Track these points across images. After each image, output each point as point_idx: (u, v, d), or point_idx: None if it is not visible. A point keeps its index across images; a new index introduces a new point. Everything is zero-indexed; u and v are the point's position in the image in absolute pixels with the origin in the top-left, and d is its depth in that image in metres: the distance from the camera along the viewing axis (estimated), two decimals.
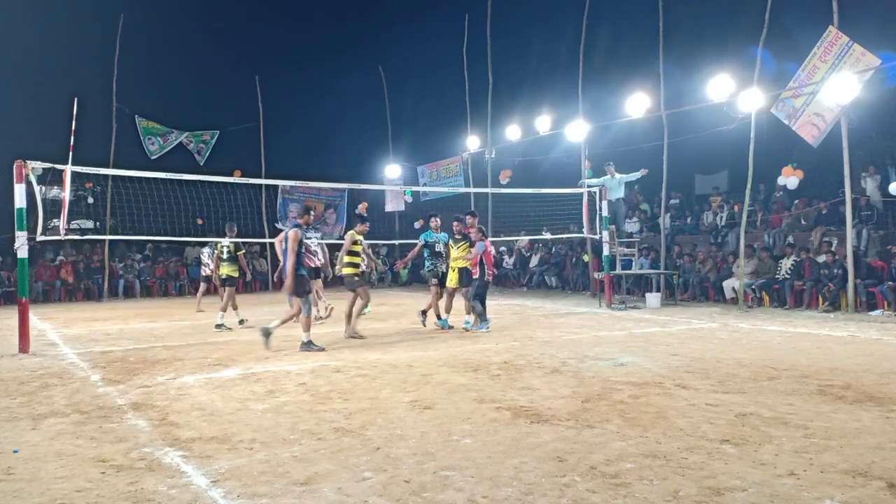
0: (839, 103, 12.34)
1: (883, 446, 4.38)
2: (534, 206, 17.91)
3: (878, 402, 5.54)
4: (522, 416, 5.25)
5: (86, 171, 10.98)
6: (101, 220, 20.93)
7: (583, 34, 17.53)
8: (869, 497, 3.55)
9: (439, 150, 23.83)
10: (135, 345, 9.85)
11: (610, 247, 14.86)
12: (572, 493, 3.65)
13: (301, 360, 8.13)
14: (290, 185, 22.83)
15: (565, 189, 16.05)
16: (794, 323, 11.11)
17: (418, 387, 6.45)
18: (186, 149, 23.36)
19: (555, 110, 18.87)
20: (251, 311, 13.86)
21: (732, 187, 18.70)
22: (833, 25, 12.40)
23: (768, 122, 14.54)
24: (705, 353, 8.13)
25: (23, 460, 4.42)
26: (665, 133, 15.95)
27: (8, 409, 5.87)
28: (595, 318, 12.33)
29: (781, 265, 14.22)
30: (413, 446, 4.55)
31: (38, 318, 13.86)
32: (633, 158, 17.50)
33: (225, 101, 25.57)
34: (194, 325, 12.55)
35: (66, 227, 10.74)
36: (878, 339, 9.20)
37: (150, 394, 6.36)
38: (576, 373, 7.00)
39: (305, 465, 4.22)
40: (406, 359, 8.10)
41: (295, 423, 5.18)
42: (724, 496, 3.58)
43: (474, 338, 9.89)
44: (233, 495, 3.73)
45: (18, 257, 9.44)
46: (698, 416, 5.16)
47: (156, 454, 4.48)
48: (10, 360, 8.58)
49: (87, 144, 13.92)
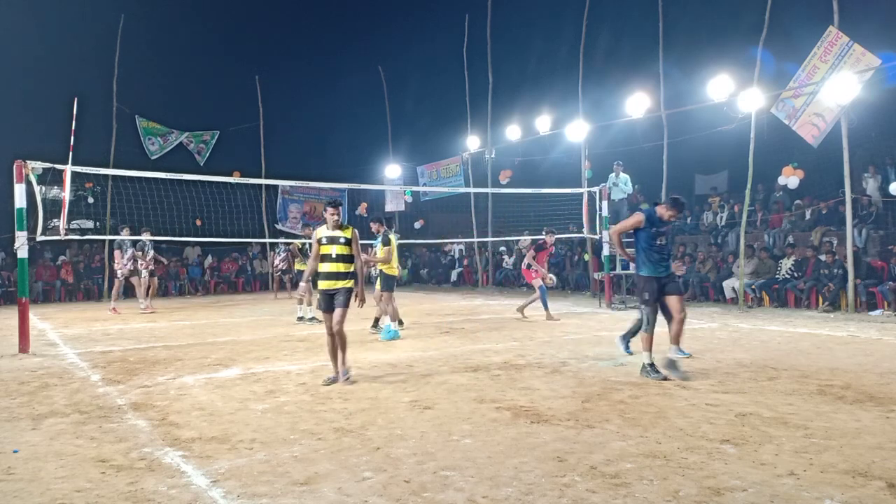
0: (839, 103, 12.33)
1: (883, 446, 4.37)
2: (534, 206, 17.93)
3: (878, 402, 5.54)
4: (522, 416, 5.25)
5: (86, 171, 10.99)
6: (101, 220, 20.93)
7: (583, 34, 17.53)
8: (869, 497, 3.55)
9: (439, 150, 23.85)
10: (135, 345, 9.84)
11: (610, 247, 14.85)
12: (572, 493, 3.65)
13: (301, 359, 8.13)
14: (290, 185, 22.85)
15: (565, 189, 16.05)
16: (794, 323, 11.11)
17: (418, 387, 6.45)
18: (186, 149, 23.36)
19: (555, 110, 18.88)
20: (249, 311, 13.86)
21: (732, 187, 18.71)
22: (833, 25, 12.40)
23: (768, 122, 14.55)
24: (705, 353, 8.13)
25: (23, 460, 4.42)
26: (665, 133, 15.95)
27: (8, 409, 5.87)
28: (595, 318, 12.33)
29: (781, 265, 14.23)
30: (413, 446, 4.55)
31: (38, 318, 13.85)
32: (634, 158, 17.50)
33: (225, 101, 25.62)
34: (194, 324, 12.55)
35: (66, 227, 10.75)
36: (878, 339, 9.20)
37: (150, 394, 6.36)
38: (576, 373, 7.00)
39: (305, 465, 4.22)
40: (406, 359, 8.10)
41: (295, 423, 5.18)
42: (724, 496, 3.58)
43: (474, 338, 9.89)
44: (233, 495, 3.73)
45: (18, 257, 9.44)
46: (698, 416, 5.16)
47: (156, 454, 4.48)
48: (10, 360, 8.58)
49: (87, 144, 13.95)
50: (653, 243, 6.81)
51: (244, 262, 23.81)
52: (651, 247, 6.81)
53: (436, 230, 25.22)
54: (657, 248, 6.81)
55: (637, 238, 6.93)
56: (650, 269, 6.83)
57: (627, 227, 7.05)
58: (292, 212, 24.08)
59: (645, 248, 6.84)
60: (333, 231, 6.78)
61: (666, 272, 6.90)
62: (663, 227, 6.86)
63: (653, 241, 6.80)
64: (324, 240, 6.76)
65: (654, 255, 6.79)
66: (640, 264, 6.92)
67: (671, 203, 6.88)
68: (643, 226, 6.83)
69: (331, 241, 6.74)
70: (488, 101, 20.90)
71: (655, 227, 6.80)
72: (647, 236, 6.80)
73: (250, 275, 23.57)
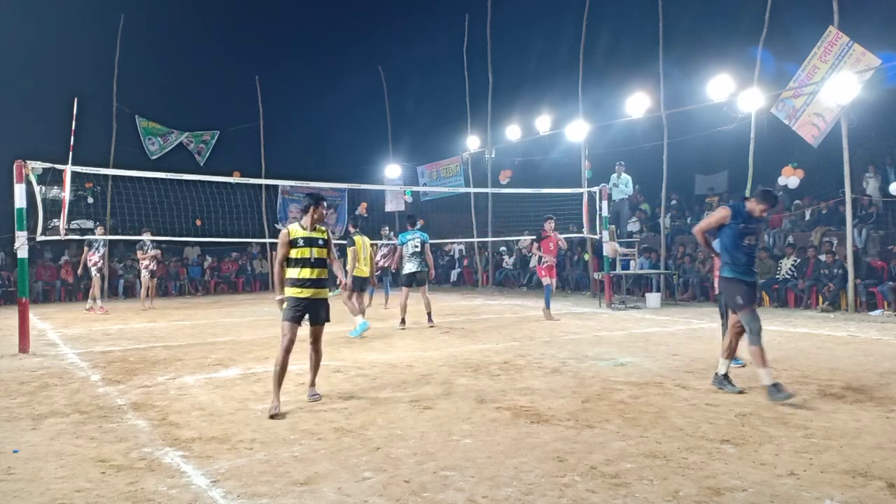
0: (839, 103, 12.34)
1: (883, 446, 4.37)
2: (534, 206, 17.92)
3: (878, 402, 5.54)
4: (522, 416, 5.25)
5: (86, 171, 10.99)
6: (101, 220, 20.93)
7: (583, 34, 17.53)
8: (869, 497, 3.55)
9: (439, 150, 23.85)
10: (135, 345, 9.84)
11: (612, 248, 14.84)
12: (572, 493, 3.65)
13: (301, 360, 8.11)
14: (290, 185, 22.82)
15: (565, 189, 16.05)
16: (794, 323, 11.11)
17: (418, 387, 6.45)
18: (186, 149, 23.36)
19: (555, 110, 18.89)
20: (249, 311, 13.85)
21: (732, 187, 18.70)
22: (833, 25, 12.40)
23: (768, 122, 14.55)
24: (705, 353, 8.12)
25: (23, 460, 4.42)
26: (665, 133, 15.95)
27: (8, 409, 5.87)
28: (595, 318, 12.33)
29: (781, 265, 14.23)
30: (413, 446, 4.55)
31: (38, 318, 13.85)
32: (634, 158, 17.50)
33: (225, 101, 25.62)
34: (194, 324, 12.55)
35: (66, 227, 10.75)
36: (878, 339, 9.20)
37: (150, 394, 6.36)
38: (576, 373, 7.00)
39: (305, 465, 4.22)
40: (406, 359, 8.10)
41: (295, 423, 5.18)
42: (724, 496, 3.58)
43: (474, 338, 9.89)
44: (233, 495, 3.73)
45: (18, 257, 9.44)
46: (698, 416, 5.16)
47: (156, 454, 4.48)
48: (10, 360, 8.58)
49: (87, 144, 13.95)
50: (739, 243, 5.87)
51: (244, 262, 23.82)
52: (737, 246, 5.88)
53: (436, 230, 25.20)
54: (745, 249, 5.89)
55: (721, 237, 6.03)
56: (734, 272, 5.92)
57: (711, 224, 6.12)
58: (292, 212, 24.04)
59: (730, 248, 5.93)
60: (311, 232, 5.90)
61: (753, 277, 5.97)
62: (752, 225, 5.91)
63: (739, 239, 5.87)
64: (300, 241, 5.82)
65: (741, 256, 5.89)
66: (724, 265, 6.01)
67: (762, 196, 5.89)
68: (728, 222, 5.91)
69: (308, 244, 5.84)
70: (488, 101, 20.92)
71: (744, 224, 5.87)
72: (733, 234, 5.89)
73: (250, 275, 23.57)
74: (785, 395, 5.47)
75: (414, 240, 11.33)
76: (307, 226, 5.89)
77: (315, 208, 5.89)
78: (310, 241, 5.85)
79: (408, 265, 11.29)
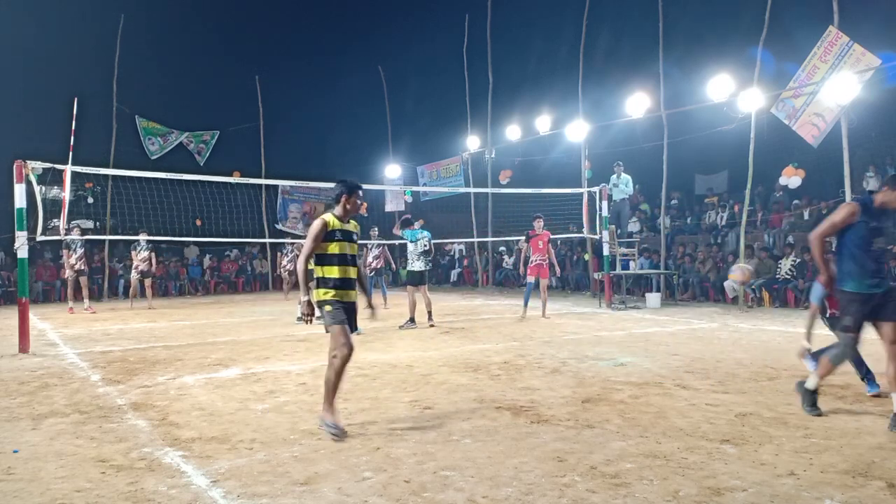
0: (839, 103, 12.33)
1: (883, 446, 4.37)
2: (534, 206, 17.90)
3: (878, 402, 5.54)
4: (522, 416, 5.25)
5: (86, 171, 10.99)
6: (101, 220, 20.94)
7: (583, 34, 17.54)
8: (869, 497, 3.55)
9: (439, 150, 23.86)
10: (135, 345, 9.84)
11: (609, 247, 14.85)
12: (572, 493, 3.65)
13: (301, 360, 8.13)
14: (290, 185, 22.84)
15: (565, 189, 16.05)
16: (794, 323, 11.10)
17: (418, 387, 6.45)
18: (186, 149, 23.38)
19: (555, 110, 18.90)
20: (249, 311, 13.85)
21: (732, 187, 18.72)
22: (833, 25, 12.40)
23: (768, 122, 14.55)
24: (705, 353, 8.13)
25: (23, 460, 4.42)
26: (665, 133, 15.95)
27: (8, 409, 5.87)
28: (595, 318, 12.33)
29: (781, 265, 14.23)
30: (413, 446, 4.54)
31: (38, 318, 13.86)
32: (634, 158, 17.49)
33: (225, 101, 25.63)
34: (194, 324, 12.55)
35: (66, 227, 10.76)
36: (878, 339, 9.17)
37: (150, 394, 6.36)
38: (576, 373, 7.00)
39: (305, 465, 4.21)
40: (406, 359, 8.10)
41: (295, 423, 5.18)
42: (724, 496, 3.58)
43: (474, 338, 9.89)
44: (233, 495, 3.73)
45: (18, 257, 9.44)
46: (698, 416, 5.16)
47: (156, 454, 4.48)
48: (10, 360, 8.58)
49: (87, 144, 13.96)
50: (867, 246, 4.86)
51: (244, 262, 23.82)
52: (865, 250, 4.86)
53: (436, 230, 25.19)
54: (875, 254, 4.88)
55: (842, 240, 4.97)
56: (858, 284, 4.90)
57: (837, 226, 4.94)
58: (292, 212, 24.09)
59: (855, 252, 4.89)
60: (345, 224, 5.05)
61: (881, 287, 4.89)
62: (885, 222, 4.91)
63: (867, 242, 4.85)
64: (338, 234, 4.95)
65: (870, 263, 4.86)
66: (845, 276, 4.96)
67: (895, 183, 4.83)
68: (856, 220, 4.85)
69: (345, 237, 5.00)
70: (488, 101, 20.92)
71: (875, 222, 4.85)
72: (860, 235, 4.85)
73: (250, 275, 23.58)
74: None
75: (423, 238, 11.27)
76: (342, 217, 5.06)
77: (348, 197, 5.03)
78: (347, 235, 5.02)
79: (416, 263, 11.23)
